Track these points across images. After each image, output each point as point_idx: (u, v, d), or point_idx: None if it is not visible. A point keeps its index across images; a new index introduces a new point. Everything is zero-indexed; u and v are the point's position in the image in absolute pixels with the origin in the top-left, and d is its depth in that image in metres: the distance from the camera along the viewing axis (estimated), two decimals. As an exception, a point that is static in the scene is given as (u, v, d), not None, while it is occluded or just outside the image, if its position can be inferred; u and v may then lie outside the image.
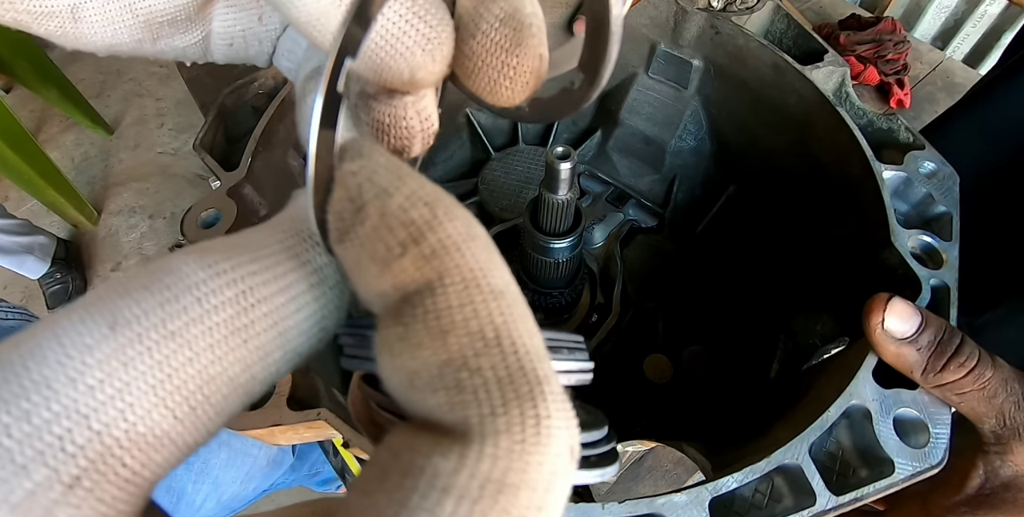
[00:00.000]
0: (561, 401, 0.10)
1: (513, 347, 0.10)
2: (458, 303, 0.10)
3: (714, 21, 0.47)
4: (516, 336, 0.10)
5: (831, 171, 0.44)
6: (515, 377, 0.10)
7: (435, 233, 0.11)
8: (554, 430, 0.10)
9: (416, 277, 0.11)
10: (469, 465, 0.09)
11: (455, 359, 0.10)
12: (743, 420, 0.44)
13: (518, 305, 0.11)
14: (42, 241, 1.63)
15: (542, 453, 0.10)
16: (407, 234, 0.11)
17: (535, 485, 0.09)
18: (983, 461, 0.30)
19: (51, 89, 1.79)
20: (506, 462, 0.09)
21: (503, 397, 0.10)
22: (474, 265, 0.11)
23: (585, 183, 0.65)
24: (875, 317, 0.30)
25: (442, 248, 0.11)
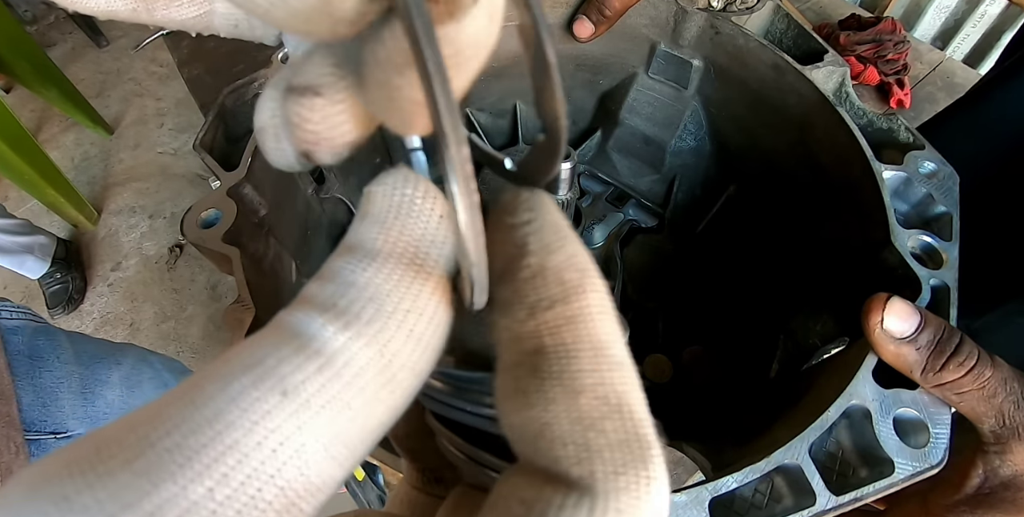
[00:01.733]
0: (663, 464, 0.12)
1: (631, 414, 0.12)
2: (589, 368, 0.12)
3: (714, 21, 0.47)
4: (633, 404, 0.12)
5: (831, 171, 0.44)
6: (631, 441, 0.12)
7: (580, 300, 0.12)
8: (661, 488, 0.11)
9: (554, 334, 0.12)
10: (599, 515, 0.11)
11: (584, 419, 0.12)
12: (743, 420, 0.44)
13: (634, 377, 0.13)
14: (42, 241, 1.63)
15: (652, 508, 0.11)
16: (559, 291, 0.12)
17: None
18: (982, 460, 0.30)
19: (51, 89, 1.79)
20: (628, 515, 0.11)
21: (623, 458, 0.11)
22: (603, 337, 0.12)
23: (585, 183, 0.65)
24: (874, 317, 0.31)
25: (583, 315, 0.12)
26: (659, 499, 0.11)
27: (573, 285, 0.13)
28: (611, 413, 0.12)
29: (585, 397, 0.12)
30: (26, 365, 0.59)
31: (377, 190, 0.13)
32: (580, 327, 0.12)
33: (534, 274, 0.13)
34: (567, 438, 0.12)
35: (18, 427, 0.54)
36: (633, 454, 0.11)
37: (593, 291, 0.13)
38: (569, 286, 0.13)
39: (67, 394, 0.62)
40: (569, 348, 0.12)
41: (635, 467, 0.11)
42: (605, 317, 0.13)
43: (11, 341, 0.60)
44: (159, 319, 1.70)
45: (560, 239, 0.13)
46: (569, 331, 0.12)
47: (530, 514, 0.11)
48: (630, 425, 0.12)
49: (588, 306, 0.13)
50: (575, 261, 0.13)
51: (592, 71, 0.58)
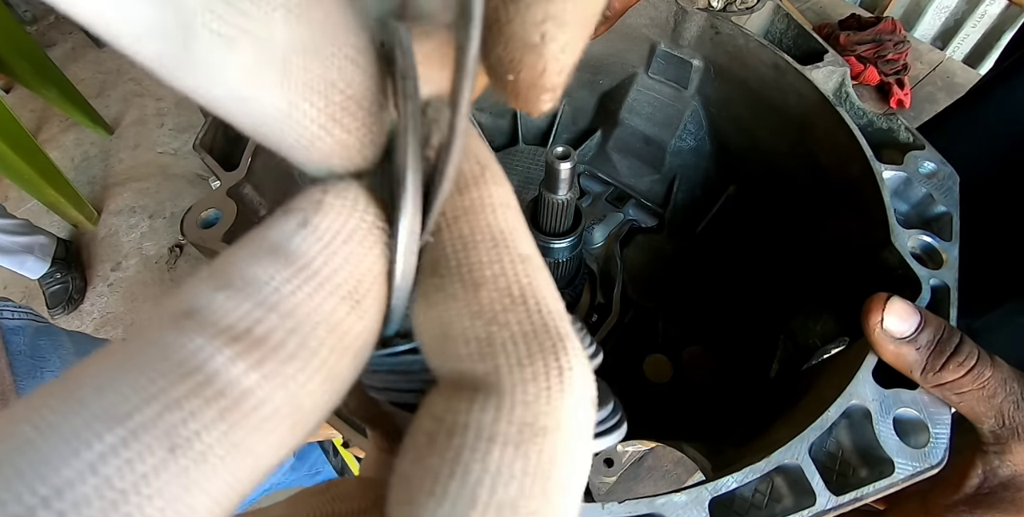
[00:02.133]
0: (581, 355, 0.11)
1: (537, 306, 0.11)
2: (488, 260, 0.11)
3: (714, 21, 0.47)
4: (540, 297, 0.11)
5: (831, 171, 0.44)
6: (539, 333, 0.11)
7: (478, 190, 0.12)
8: (576, 379, 0.11)
9: (451, 226, 0.12)
10: (506, 413, 0.10)
11: (485, 312, 0.11)
12: (743, 420, 0.44)
13: (542, 271, 0.12)
14: (42, 241, 1.63)
15: (567, 399, 0.10)
16: (463, 171, 0.12)
17: (566, 428, 0.10)
18: (982, 461, 0.30)
19: (51, 89, 1.79)
20: (536, 407, 0.10)
21: (528, 350, 0.11)
22: (504, 228, 0.12)
23: (585, 183, 0.65)
24: (874, 316, 0.31)
25: (481, 205, 0.12)
26: (578, 389, 0.11)
27: (470, 175, 0.12)
28: (514, 305, 0.11)
29: (485, 290, 0.11)
30: (28, 365, 0.60)
31: (334, 203, 0.11)
32: (478, 218, 0.12)
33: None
34: (469, 334, 0.11)
35: (18, 427, 0.54)
36: (541, 345, 0.11)
37: (495, 184, 0.12)
38: (466, 176, 0.12)
39: (67, 394, 0.62)
40: (467, 240, 0.11)
41: (543, 358, 0.11)
42: (507, 210, 0.12)
43: (13, 341, 0.60)
44: (159, 319, 1.70)
45: (464, 134, 0.12)
46: (466, 222, 0.12)
47: (440, 427, 0.10)
48: (536, 317, 0.11)
49: (487, 197, 0.12)
50: (475, 152, 0.12)
51: (592, 71, 0.58)
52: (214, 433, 0.09)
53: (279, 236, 0.11)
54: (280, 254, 0.10)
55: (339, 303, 0.11)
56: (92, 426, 0.08)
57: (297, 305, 0.10)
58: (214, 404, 0.09)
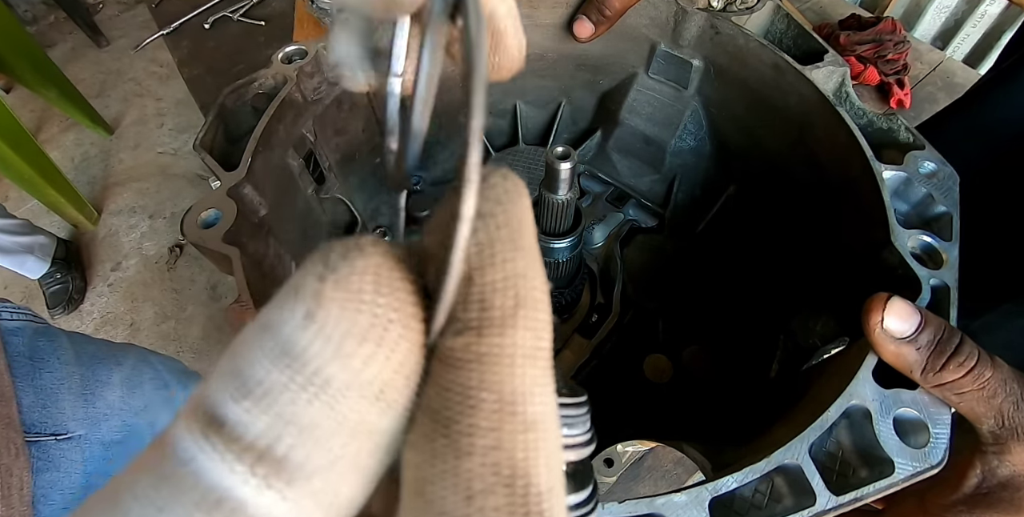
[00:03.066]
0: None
1: (525, 489, 0.10)
2: (487, 426, 0.10)
3: (714, 21, 0.47)
4: (532, 476, 0.10)
5: (831, 171, 0.44)
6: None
7: (501, 335, 0.10)
8: None
9: (459, 370, 0.10)
10: None
11: (463, 487, 0.10)
12: (743, 420, 0.44)
13: (546, 440, 0.10)
14: (42, 241, 1.63)
15: None
16: (478, 318, 0.10)
17: None
18: (981, 461, 0.30)
19: (51, 89, 1.79)
20: None
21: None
22: (519, 388, 0.10)
23: (585, 183, 0.65)
24: (874, 316, 0.31)
25: (498, 355, 0.10)
26: None
27: (499, 314, 0.10)
28: (498, 486, 0.10)
29: (473, 461, 0.10)
30: (27, 366, 0.59)
31: (337, 297, 0.10)
32: (490, 370, 0.10)
33: (475, 287, 0.10)
34: (438, 506, 0.10)
35: (18, 429, 0.54)
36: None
37: (524, 328, 0.10)
38: (492, 314, 0.10)
39: (68, 395, 0.62)
40: (470, 394, 0.10)
41: None
42: (530, 363, 0.10)
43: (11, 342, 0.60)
44: (159, 319, 1.70)
45: (511, 250, 0.10)
46: (476, 372, 0.10)
47: None
48: (520, 503, 0.10)
49: (508, 346, 0.10)
50: (514, 283, 0.10)
51: (592, 71, 0.58)
52: None
53: (288, 331, 0.10)
54: (291, 355, 0.10)
55: (367, 408, 0.10)
56: None
57: (317, 417, 0.09)
58: None
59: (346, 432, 0.10)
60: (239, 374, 0.10)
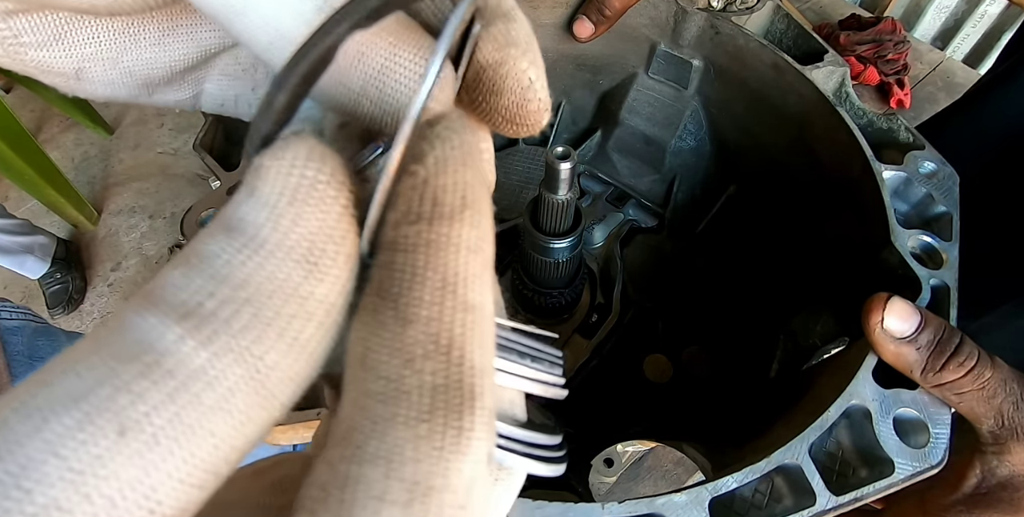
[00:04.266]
0: (487, 417, 0.11)
1: (460, 359, 0.11)
2: (428, 299, 0.11)
3: (714, 21, 0.47)
4: (468, 350, 0.11)
5: (831, 171, 0.44)
6: (451, 387, 0.10)
7: (449, 226, 0.11)
8: (474, 442, 0.10)
9: (408, 252, 0.11)
10: (395, 470, 0.10)
11: (405, 352, 0.11)
12: (743, 420, 0.44)
13: (482, 326, 0.11)
14: (42, 241, 1.63)
15: (461, 461, 0.10)
16: (429, 210, 0.11)
17: (456, 488, 0.10)
18: (980, 461, 0.30)
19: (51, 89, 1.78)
20: (427, 466, 0.10)
21: (432, 404, 0.10)
22: (461, 272, 0.11)
23: (585, 183, 0.65)
24: (874, 316, 0.31)
25: (445, 243, 0.11)
26: (474, 451, 0.10)
27: (448, 210, 0.11)
28: (436, 353, 0.11)
29: (413, 329, 0.11)
30: (26, 366, 0.60)
31: (271, 165, 0.11)
32: (437, 255, 0.11)
33: (415, 185, 0.11)
34: (382, 371, 0.10)
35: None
36: (447, 401, 0.10)
37: (470, 225, 0.11)
38: (443, 209, 0.11)
39: (67, 394, 0.62)
40: (417, 272, 0.11)
41: (445, 415, 0.10)
42: (472, 255, 0.11)
43: (11, 342, 0.60)
44: (159, 319, 1.70)
45: (462, 164, 0.12)
46: (423, 254, 0.11)
47: (334, 478, 0.10)
48: (454, 370, 0.11)
49: (455, 236, 0.11)
50: (463, 188, 0.11)
51: (592, 71, 0.58)
52: (164, 415, 0.09)
53: (231, 210, 0.11)
54: (232, 227, 0.11)
55: (294, 268, 0.10)
56: (53, 408, 0.09)
57: (248, 275, 0.10)
58: (163, 385, 0.09)
59: (278, 295, 0.10)
60: (182, 254, 0.11)
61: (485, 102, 0.16)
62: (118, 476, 0.09)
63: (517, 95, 0.15)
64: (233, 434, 0.10)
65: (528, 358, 0.15)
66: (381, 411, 0.10)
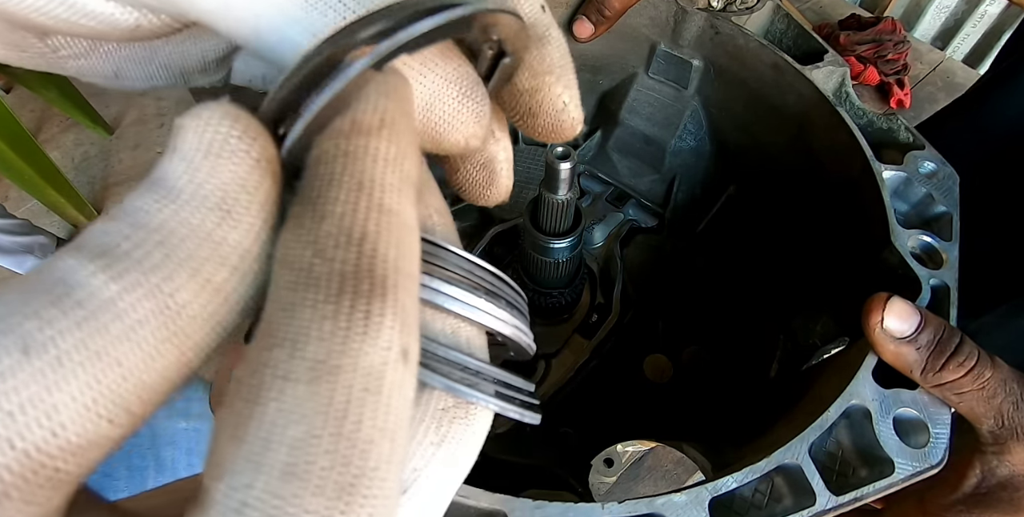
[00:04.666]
0: (400, 309, 0.11)
1: (373, 252, 0.11)
2: (343, 199, 0.11)
3: (714, 21, 0.47)
4: (381, 245, 0.11)
5: (831, 171, 0.44)
6: (360, 275, 0.10)
7: (367, 139, 0.11)
8: (384, 328, 0.10)
9: (326, 159, 0.11)
10: (299, 350, 0.10)
11: (318, 244, 0.11)
12: (743, 420, 0.44)
13: (401, 232, 0.11)
14: (42, 241, 1.63)
15: (366, 343, 0.10)
16: (348, 126, 0.11)
17: (360, 370, 0.10)
18: (980, 461, 0.30)
19: (51, 89, 1.79)
20: (330, 345, 0.10)
21: (340, 288, 0.10)
22: (377, 179, 0.11)
23: (585, 183, 0.65)
24: (874, 316, 0.31)
25: (362, 154, 0.11)
26: (382, 336, 0.10)
27: (365, 126, 0.11)
28: (348, 245, 0.11)
29: (327, 223, 0.11)
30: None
31: (188, 124, 0.12)
32: (355, 163, 0.11)
33: (340, 115, 0.12)
34: (295, 262, 0.11)
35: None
36: (356, 287, 0.10)
37: (388, 141, 0.12)
38: (360, 126, 0.11)
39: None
40: (335, 177, 0.11)
41: (352, 298, 0.10)
42: (390, 167, 0.11)
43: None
44: (159, 319, 1.70)
45: (384, 95, 0.12)
46: (342, 164, 0.11)
47: (247, 369, 0.10)
48: (365, 261, 0.10)
49: (372, 148, 0.11)
50: (382, 111, 0.12)
51: (592, 71, 0.58)
52: (70, 339, 0.09)
53: (155, 169, 0.12)
54: (153, 182, 0.11)
55: (207, 214, 0.11)
56: None
57: (164, 221, 0.11)
58: (71, 313, 0.10)
59: (191, 239, 0.11)
60: (110, 209, 0.11)
61: (523, 121, 0.18)
62: (18, 391, 0.09)
63: (552, 117, 0.17)
64: (142, 367, 0.10)
65: (482, 291, 0.14)
66: (291, 298, 0.10)
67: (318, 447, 0.10)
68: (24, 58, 0.17)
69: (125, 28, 0.16)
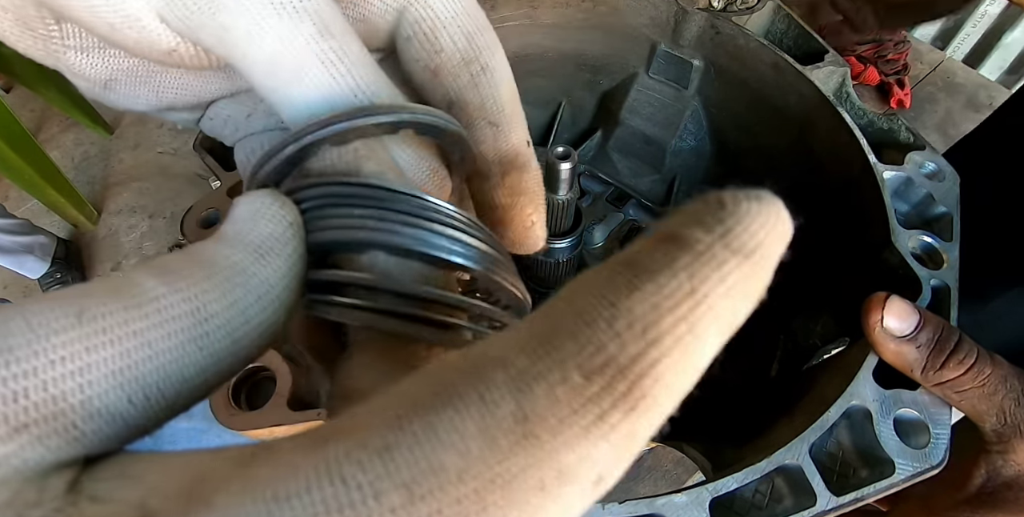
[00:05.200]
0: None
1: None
2: None
3: (714, 21, 0.47)
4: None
5: (831, 171, 0.44)
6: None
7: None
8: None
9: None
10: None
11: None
12: (743, 420, 0.44)
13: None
14: (42, 241, 1.63)
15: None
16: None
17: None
18: (985, 461, 0.30)
19: (51, 89, 1.79)
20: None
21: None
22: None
23: (585, 183, 0.65)
24: (874, 316, 0.31)
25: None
26: None
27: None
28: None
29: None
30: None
31: (242, 200, 0.15)
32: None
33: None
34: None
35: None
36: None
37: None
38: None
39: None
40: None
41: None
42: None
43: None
44: (159, 319, 1.70)
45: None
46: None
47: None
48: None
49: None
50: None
51: (592, 71, 0.58)
52: (117, 316, 0.11)
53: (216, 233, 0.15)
54: (211, 236, 0.14)
55: (243, 254, 0.14)
56: (35, 303, 0.11)
57: (211, 256, 0.13)
58: (123, 299, 0.11)
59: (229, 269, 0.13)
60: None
61: (495, 230, 0.20)
62: (65, 346, 0.11)
63: (520, 232, 0.21)
64: (168, 357, 0.12)
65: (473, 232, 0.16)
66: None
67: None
68: (26, 38, 0.17)
69: (160, 49, 0.16)
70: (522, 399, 0.08)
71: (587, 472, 0.08)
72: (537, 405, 0.08)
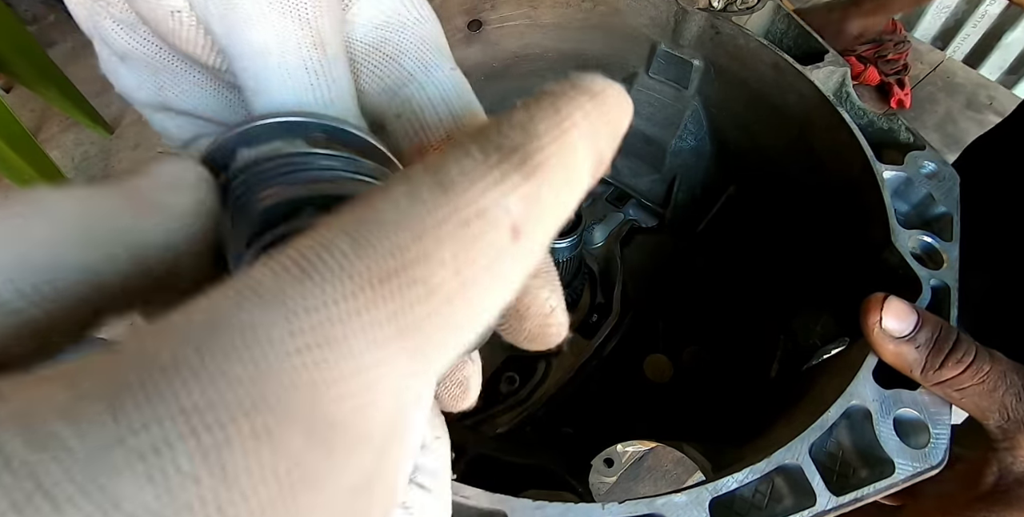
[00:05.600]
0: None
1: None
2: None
3: (714, 21, 0.47)
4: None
5: (831, 171, 0.44)
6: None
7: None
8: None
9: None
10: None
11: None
12: (743, 420, 0.44)
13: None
14: (42, 241, 1.63)
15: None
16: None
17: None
18: (995, 459, 0.30)
19: (51, 89, 1.79)
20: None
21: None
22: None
23: (585, 183, 0.65)
24: (872, 316, 0.31)
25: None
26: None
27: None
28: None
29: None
30: (26, 365, 0.59)
31: (156, 163, 0.15)
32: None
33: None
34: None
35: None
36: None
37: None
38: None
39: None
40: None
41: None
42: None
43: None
44: (159, 319, 1.70)
45: None
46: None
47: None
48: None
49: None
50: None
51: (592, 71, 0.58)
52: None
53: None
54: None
55: (150, 182, 0.14)
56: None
57: (115, 181, 0.14)
58: (11, 198, 0.12)
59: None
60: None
61: (509, 325, 0.17)
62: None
63: (539, 320, 0.17)
64: (56, 251, 0.12)
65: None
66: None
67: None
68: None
69: (170, 3, 0.17)
70: (438, 173, 0.10)
71: (502, 216, 0.10)
72: (450, 172, 0.10)
